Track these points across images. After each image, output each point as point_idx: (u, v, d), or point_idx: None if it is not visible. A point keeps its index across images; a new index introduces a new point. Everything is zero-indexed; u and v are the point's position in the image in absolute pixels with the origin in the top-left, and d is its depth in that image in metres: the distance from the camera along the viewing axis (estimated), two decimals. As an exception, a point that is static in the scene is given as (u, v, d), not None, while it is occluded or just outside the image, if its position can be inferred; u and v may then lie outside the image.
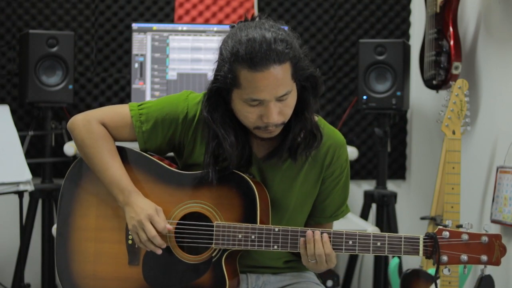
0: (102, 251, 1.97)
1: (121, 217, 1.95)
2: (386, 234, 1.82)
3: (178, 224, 1.92)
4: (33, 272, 3.51)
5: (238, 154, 1.88)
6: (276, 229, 1.86)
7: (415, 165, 3.89)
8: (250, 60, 1.73)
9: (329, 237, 1.84)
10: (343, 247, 1.84)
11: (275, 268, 2.04)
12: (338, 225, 2.06)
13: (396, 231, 3.44)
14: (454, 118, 2.82)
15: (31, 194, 3.29)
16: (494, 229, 2.90)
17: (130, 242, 1.95)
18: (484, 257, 1.78)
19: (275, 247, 1.86)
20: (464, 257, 1.78)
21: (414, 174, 3.89)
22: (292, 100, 1.81)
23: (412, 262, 3.40)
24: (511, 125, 2.88)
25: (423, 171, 3.84)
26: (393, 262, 3.07)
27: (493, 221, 2.82)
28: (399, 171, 3.88)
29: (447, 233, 1.79)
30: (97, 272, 1.97)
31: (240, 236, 1.87)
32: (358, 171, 3.84)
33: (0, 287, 3.53)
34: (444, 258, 1.79)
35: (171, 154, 2.08)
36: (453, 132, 2.82)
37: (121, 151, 1.99)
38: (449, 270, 1.83)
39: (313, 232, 1.84)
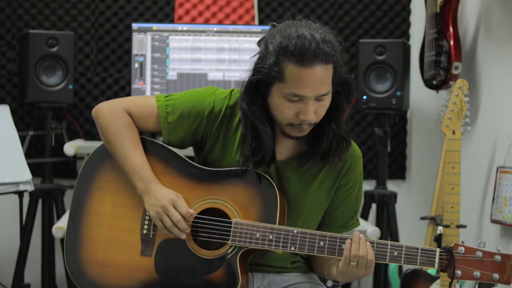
0: (114, 238, 1.97)
1: (137, 207, 1.95)
2: (404, 244, 1.83)
3: (196, 218, 1.92)
4: (33, 272, 3.51)
5: (272, 148, 1.91)
6: (295, 231, 1.87)
7: (415, 165, 3.89)
8: (299, 55, 1.76)
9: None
10: None
11: (281, 268, 2.04)
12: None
13: (396, 231, 3.44)
14: (454, 118, 2.82)
15: (31, 194, 3.29)
16: (494, 229, 2.90)
17: (145, 232, 1.95)
18: (496, 275, 1.80)
19: (292, 248, 1.87)
20: (477, 273, 1.80)
21: (414, 174, 3.89)
22: (327, 102, 1.85)
23: (412, 262, 3.40)
24: (511, 125, 2.88)
25: (423, 171, 3.84)
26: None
27: (493, 221, 2.82)
28: (399, 171, 3.88)
29: (463, 248, 1.81)
30: (106, 259, 1.96)
31: (258, 235, 1.87)
32: (358, 171, 3.84)
33: (0, 287, 3.53)
34: (458, 272, 1.81)
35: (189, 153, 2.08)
36: (453, 132, 2.82)
37: (145, 142, 1.99)
38: (461, 285, 1.85)
39: (359, 234, 1.84)
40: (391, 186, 3.75)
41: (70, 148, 3.27)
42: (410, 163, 3.89)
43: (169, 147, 1.99)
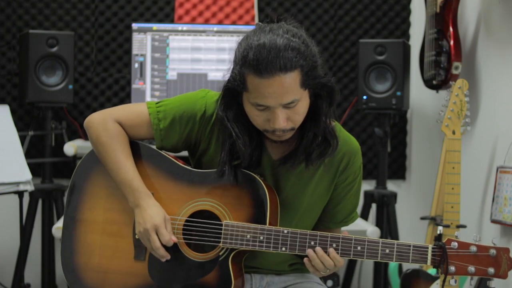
0: (108, 245, 1.97)
1: (129, 212, 1.95)
2: (395, 241, 1.82)
3: (186, 221, 1.92)
4: (33, 272, 3.51)
5: (250, 154, 1.89)
6: (285, 231, 1.86)
7: (415, 165, 3.89)
8: (257, 66, 1.73)
9: (337, 245, 1.84)
10: (351, 253, 1.84)
11: (280, 271, 2.04)
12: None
13: (396, 231, 3.44)
14: (454, 118, 2.82)
15: (31, 194, 3.29)
16: (494, 229, 2.90)
17: (137, 237, 1.95)
18: (491, 270, 1.78)
19: (283, 249, 1.86)
20: (472, 268, 1.79)
21: (414, 174, 3.89)
22: (301, 108, 1.81)
23: (412, 262, 3.40)
24: (511, 125, 2.88)
25: (423, 171, 3.84)
26: (393, 262, 3.07)
27: (493, 221, 2.82)
28: (399, 171, 3.88)
29: (456, 243, 1.79)
30: (101, 265, 1.97)
31: (248, 236, 1.87)
32: (358, 171, 3.84)
33: (0, 287, 3.53)
34: (452, 268, 1.79)
35: (184, 154, 2.08)
36: (453, 132, 2.82)
37: (135, 146, 1.99)
38: (455, 281, 1.84)
39: (313, 250, 1.83)
40: (391, 186, 3.75)
41: (70, 148, 3.27)
42: (410, 163, 3.89)
43: (158, 150, 1.99)
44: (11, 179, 2.93)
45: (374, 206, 3.51)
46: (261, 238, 1.86)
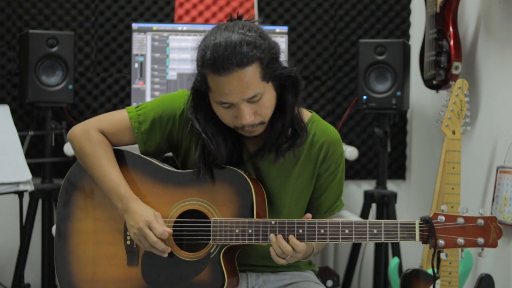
0: (101, 254, 1.98)
1: (118, 219, 1.96)
2: (382, 221, 1.83)
3: (175, 222, 1.93)
4: (33, 272, 3.51)
5: (228, 152, 1.90)
6: (273, 222, 1.86)
7: (415, 165, 3.89)
8: (214, 65, 1.75)
9: (325, 230, 1.84)
10: (340, 236, 1.84)
11: (275, 267, 2.04)
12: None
13: (396, 231, 3.44)
14: (454, 118, 2.82)
15: (31, 194, 3.29)
16: (494, 229, 2.90)
17: (128, 242, 1.96)
18: (480, 240, 1.78)
19: None
20: (461, 240, 1.79)
21: (414, 174, 3.89)
22: (267, 101, 1.82)
23: (412, 262, 3.41)
24: (511, 125, 2.88)
25: (423, 171, 3.84)
26: (393, 262, 3.07)
27: (493, 221, 2.82)
28: (399, 171, 3.88)
29: (443, 217, 1.80)
30: (96, 274, 1.98)
31: (237, 231, 1.87)
32: (358, 171, 3.84)
33: (0, 287, 3.53)
34: (441, 242, 1.79)
35: (169, 156, 2.08)
36: (453, 132, 2.82)
37: (119, 153, 2.00)
38: (446, 255, 1.84)
39: (275, 235, 1.84)
40: (391, 186, 3.76)
41: (70, 148, 3.26)
42: (410, 163, 3.89)
43: (142, 155, 2.00)
44: (11, 179, 2.93)
45: (374, 206, 3.51)
46: (250, 231, 1.87)
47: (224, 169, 1.91)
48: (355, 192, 3.80)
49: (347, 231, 1.84)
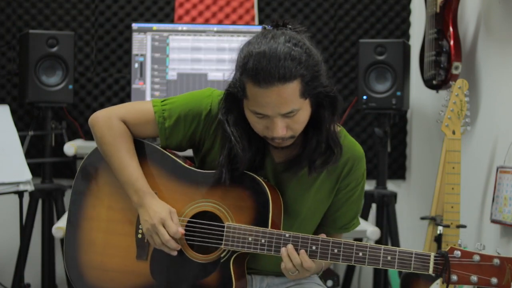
0: (111, 243, 1.97)
1: (132, 210, 1.95)
2: (397, 249, 1.80)
3: (189, 222, 1.92)
4: (33, 272, 3.51)
5: (251, 158, 1.88)
6: (287, 235, 1.84)
7: (415, 165, 3.89)
8: (255, 76, 1.71)
9: (338, 251, 1.82)
10: (353, 259, 1.82)
11: (281, 272, 2.03)
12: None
13: (396, 231, 3.44)
14: (454, 118, 2.82)
15: (31, 194, 3.29)
16: (494, 229, 2.90)
17: (139, 236, 1.95)
18: (494, 280, 1.75)
19: None
20: (474, 278, 1.75)
21: (414, 174, 3.89)
22: (302, 117, 1.79)
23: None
24: (511, 125, 2.88)
25: (423, 171, 3.84)
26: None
27: (493, 221, 2.82)
28: (399, 171, 3.88)
29: (459, 252, 1.76)
30: (104, 263, 1.97)
31: (250, 239, 1.86)
32: (358, 171, 3.84)
33: (0, 287, 3.53)
34: (454, 277, 1.77)
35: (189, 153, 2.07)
36: (453, 132, 2.82)
37: (139, 145, 1.98)
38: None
39: (286, 247, 1.83)
40: (391, 186, 3.75)
41: (70, 148, 3.27)
42: (410, 163, 3.89)
43: (162, 149, 1.98)
44: (11, 179, 2.93)
45: (374, 206, 3.51)
46: (263, 241, 1.85)
47: (243, 175, 1.89)
48: (355, 192, 3.80)
49: (361, 254, 1.81)
